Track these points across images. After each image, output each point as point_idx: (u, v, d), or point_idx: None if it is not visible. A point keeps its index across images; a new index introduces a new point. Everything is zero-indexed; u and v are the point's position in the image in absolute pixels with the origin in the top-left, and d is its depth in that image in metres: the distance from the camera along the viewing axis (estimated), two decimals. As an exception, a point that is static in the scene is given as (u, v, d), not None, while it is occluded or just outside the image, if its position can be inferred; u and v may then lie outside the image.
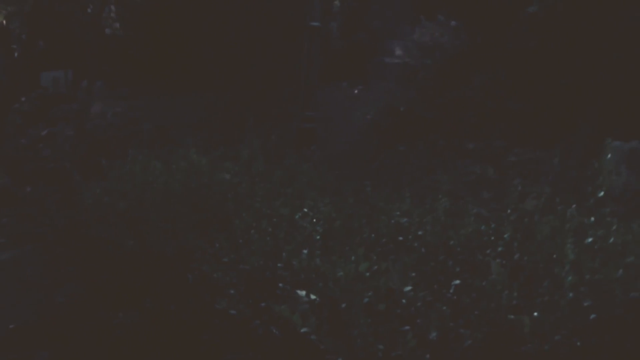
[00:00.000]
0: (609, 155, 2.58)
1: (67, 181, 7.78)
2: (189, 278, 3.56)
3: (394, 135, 9.21)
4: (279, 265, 2.74)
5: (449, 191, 3.47)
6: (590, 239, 2.30)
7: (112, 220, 4.41)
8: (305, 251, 2.63)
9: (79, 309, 4.59)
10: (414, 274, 2.26)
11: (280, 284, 2.57)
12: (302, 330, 2.13)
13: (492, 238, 2.78)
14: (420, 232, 2.82)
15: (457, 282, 2.30)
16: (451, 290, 2.28)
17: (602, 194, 2.59)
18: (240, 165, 5.09)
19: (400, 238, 2.81)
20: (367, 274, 2.16)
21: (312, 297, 2.31)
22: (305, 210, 3.15)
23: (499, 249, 2.66)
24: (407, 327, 2.07)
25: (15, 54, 13.71)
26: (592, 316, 2.01)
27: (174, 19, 11.24)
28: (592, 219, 2.52)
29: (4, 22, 13.26)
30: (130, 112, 10.49)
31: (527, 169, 7.05)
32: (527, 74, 9.16)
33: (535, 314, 2.06)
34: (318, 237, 2.78)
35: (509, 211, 2.92)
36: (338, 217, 3.36)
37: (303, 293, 2.34)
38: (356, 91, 12.11)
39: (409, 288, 2.13)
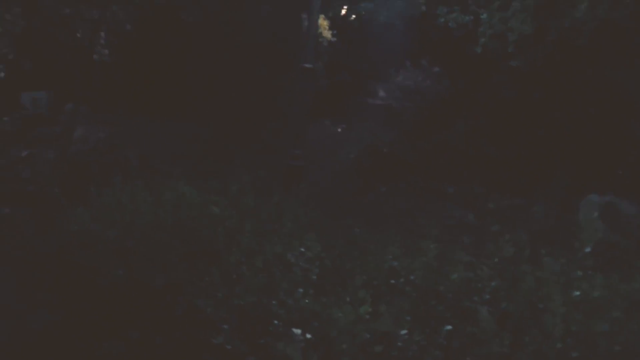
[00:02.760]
0: (595, 214, 2.72)
1: (48, 204, 7.69)
2: (177, 310, 3.58)
3: (375, 175, 9.39)
4: (273, 302, 2.79)
5: (436, 237, 3.59)
6: (577, 292, 2.42)
7: (100, 248, 4.40)
8: (300, 290, 2.69)
9: (58, 337, 4.50)
10: (409, 318, 2.35)
11: (275, 321, 2.62)
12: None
13: (480, 285, 2.88)
14: (411, 277, 2.91)
15: (449, 327, 2.39)
16: (442, 336, 2.36)
17: (589, 249, 2.72)
18: (229, 199, 5.16)
19: (392, 281, 2.90)
20: (367, 316, 2.23)
21: (308, 335, 2.37)
22: (302, 250, 3.22)
23: (486, 296, 2.76)
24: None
25: (1, 74, 13.61)
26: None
27: (163, 48, 11.36)
28: (579, 272, 2.64)
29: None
30: (114, 138, 10.47)
31: (505, 215, 7.26)
32: (507, 122, 9.50)
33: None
34: (314, 277, 2.85)
35: (496, 260, 3.03)
36: (328, 257, 3.44)
37: (299, 331, 2.40)
38: (339, 130, 12.34)
39: (404, 332, 2.21)
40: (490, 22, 7.92)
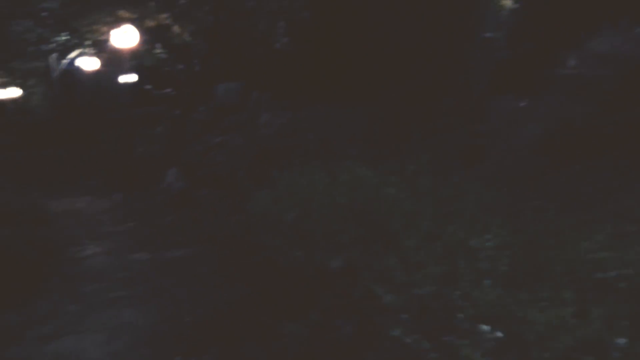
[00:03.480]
0: None
1: (237, 187, 8.27)
2: (354, 294, 3.49)
3: (567, 152, 8.43)
4: (456, 293, 2.54)
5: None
6: None
7: (280, 229, 4.51)
8: (487, 281, 2.39)
9: (246, 311, 4.75)
10: (626, 323, 1.93)
11: (459, 315, 2.37)
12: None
13: None
14: (625, 270, 2.42)
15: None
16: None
17: None
18: (405, 180, 4.96)
19: (600, 275, 2.44)
20: (572, 319, 1.88)
21: (498, 334, 2.08)
22: (488, 236, 2.89)
23: None
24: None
25: (196, 68, 15.02)
26: None
27: (339, 33, 11.47)
28: None
29: (189, 38, 14.62)
30: (295, 123, 10.89)
31: None
32: None
33: None
34: (505, 268, 2.52)
35: None
36: (517, 244, 3.06)
37: (487, 328, 2.12)
38: (524, 104, 11.35)
39: (623, 340, 1.81)
40: None
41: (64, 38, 15.33)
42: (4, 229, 5.56)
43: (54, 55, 15.73)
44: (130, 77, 18.42)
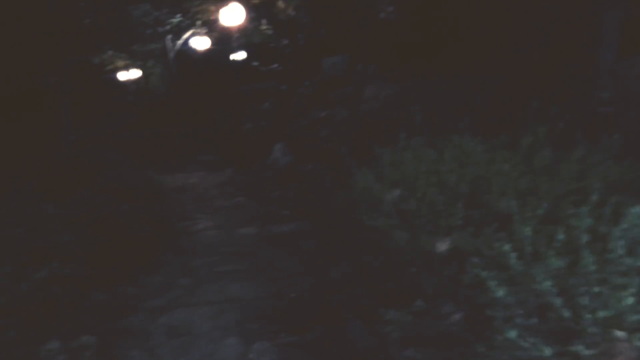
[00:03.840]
0: None
1: (341, 162, 8.16)
2: (463, 280, 3.23)
3: None
4: (580, 291, 2.20)
5: None
6: None
7: (383, 209, 4.31)
8: (621, 279, 2.03)
9: (350, 292, 4.65)
10: None
11: (587, 315, 2.04)
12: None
13: None
14: None
15: None
16: None
17: None
18: (520, 154, 4.53)
19: None
20: None
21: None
22: (625, 225, 2.48)
23: None
24: None
25: (301, 43, 15.03)
26: None
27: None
28: None
29: (293, 13, 14.63)
30: (401, 95, 10.54)
31: None
32: None
33: None
34: (643, 264, 2.14)
35: None
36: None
37: (623, 334, 1.80)
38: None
39: None
40: None
41: (177, 20, 16.00)
42: (122, 206, 5.87)
43: (169, 37, 16.49)
44: (239, 55, 18.92)
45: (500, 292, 2.47)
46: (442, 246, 3.51)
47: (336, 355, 3.73)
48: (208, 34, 16.63)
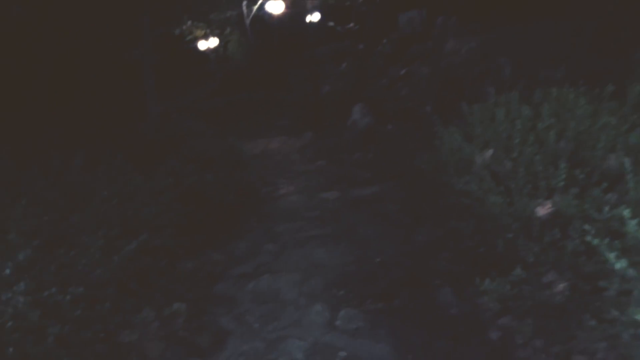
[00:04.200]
0: None
1: (424, 121, 7.82)
2: (566, 248, 2.94)
3: None
4: None
5: None
6: None
7: (474, 171, 4.04)
8: None
9: (437, 257, 4.47)
10: None
11: None
12: None
13: None
14: None
15: None
16: None
17: None
18: (630, 106, 4.06)
19: None
20: None
21: None
22: None
23: None
24: None
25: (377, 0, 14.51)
26: None
27: None
28: None
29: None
30: (485, 47, 9.92)
31: None
32: None
33: None
34: None
35: None
36: None
37: None
38: None
39: None
40: None
41: (252, -15, 15.94)
42: (207, 174, 5.94)
43: (245, 3, 16.47)
44: (315, 16, 18.63)
45: (619, 264, 2.19)
46: (542, 210, 3.22)
47: (426, 323, 3.58)
48: (282, -3, 16.43)
